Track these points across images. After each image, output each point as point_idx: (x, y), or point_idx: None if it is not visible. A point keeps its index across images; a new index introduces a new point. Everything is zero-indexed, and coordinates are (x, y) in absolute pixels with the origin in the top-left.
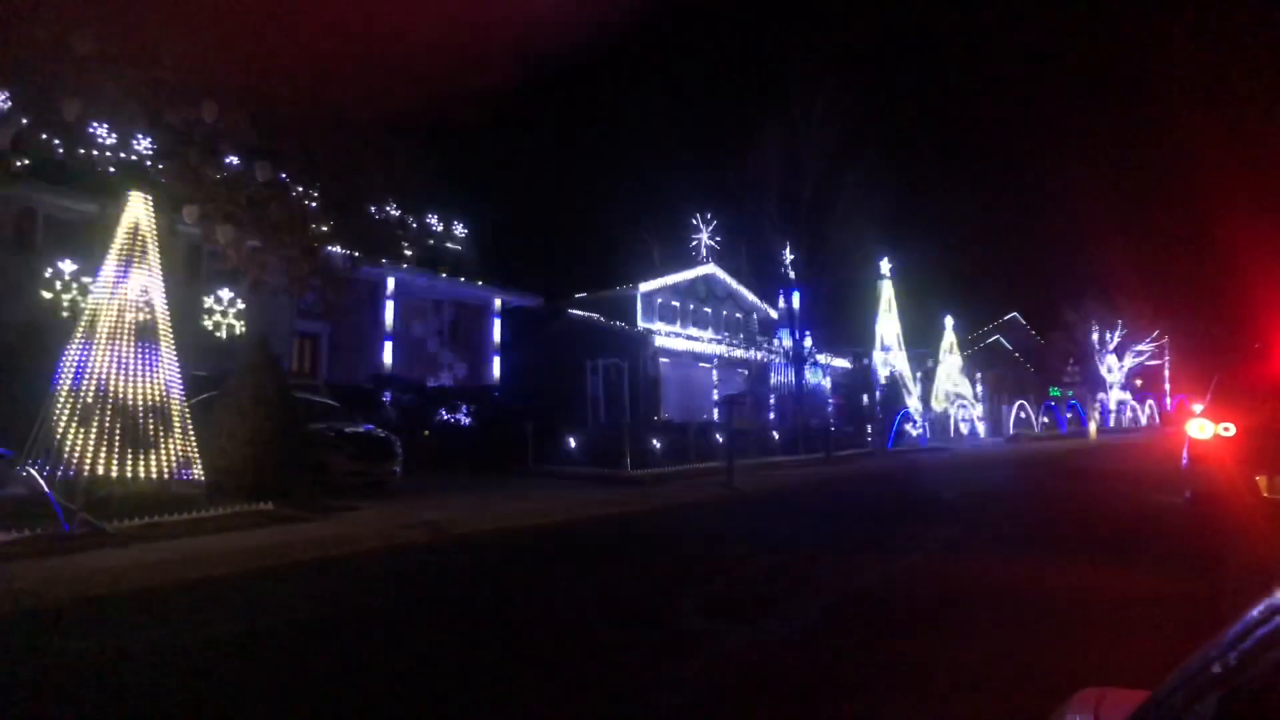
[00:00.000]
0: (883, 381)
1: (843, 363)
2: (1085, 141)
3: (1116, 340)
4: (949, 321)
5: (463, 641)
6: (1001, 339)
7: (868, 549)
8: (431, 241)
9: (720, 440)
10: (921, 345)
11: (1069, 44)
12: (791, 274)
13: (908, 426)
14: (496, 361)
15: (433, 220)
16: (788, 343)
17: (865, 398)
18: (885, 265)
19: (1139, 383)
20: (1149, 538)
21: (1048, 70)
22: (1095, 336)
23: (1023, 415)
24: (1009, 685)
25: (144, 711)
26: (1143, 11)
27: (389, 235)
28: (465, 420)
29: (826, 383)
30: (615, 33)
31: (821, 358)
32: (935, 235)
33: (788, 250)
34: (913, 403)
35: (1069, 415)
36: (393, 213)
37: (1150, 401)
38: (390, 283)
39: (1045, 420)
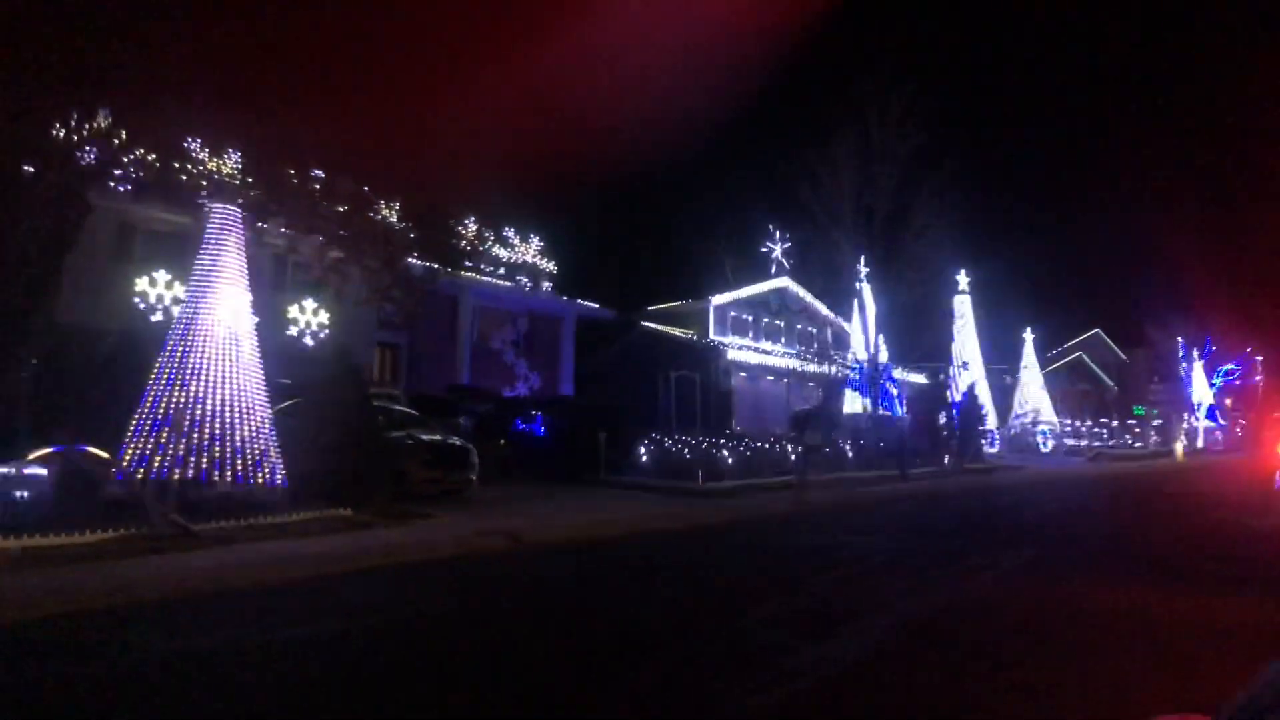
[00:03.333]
0: (959, 398)
1: (918, 378)
2: (1173, 150)
3: (1204, 358)
4: (1028, 337)
5: (535, 649)
6: (1084, 355)
7: (941, 567)
8: (508, 254)
9: (792, 455)
10: (1000, 361)
11: (1156, 49)
12: (866, 287)
13: (985, 444)
14: (570, 372)
15: (510, 233)
16: (862, 357)
17: (941, 414)
18: (963, 279)
19: (1229, 402)
20: (1230, 560)
21: (1134, 75)
22: (1182, 354)
23: (1105, 434)
24: (1083, 712)
25: (227, 709)
26: (1234, 18)
27: (467, 248)
28: (540, 430)
29: (902, 398)
30: (689, 44)
31: (896, 373)
32: (1015, 248)
33: (862, 263)
34: (991, 420)
35: (1154, 435)
36: (471, 226)
37: (1241, 422)
38: (468, 294)
39: (1129, 440)
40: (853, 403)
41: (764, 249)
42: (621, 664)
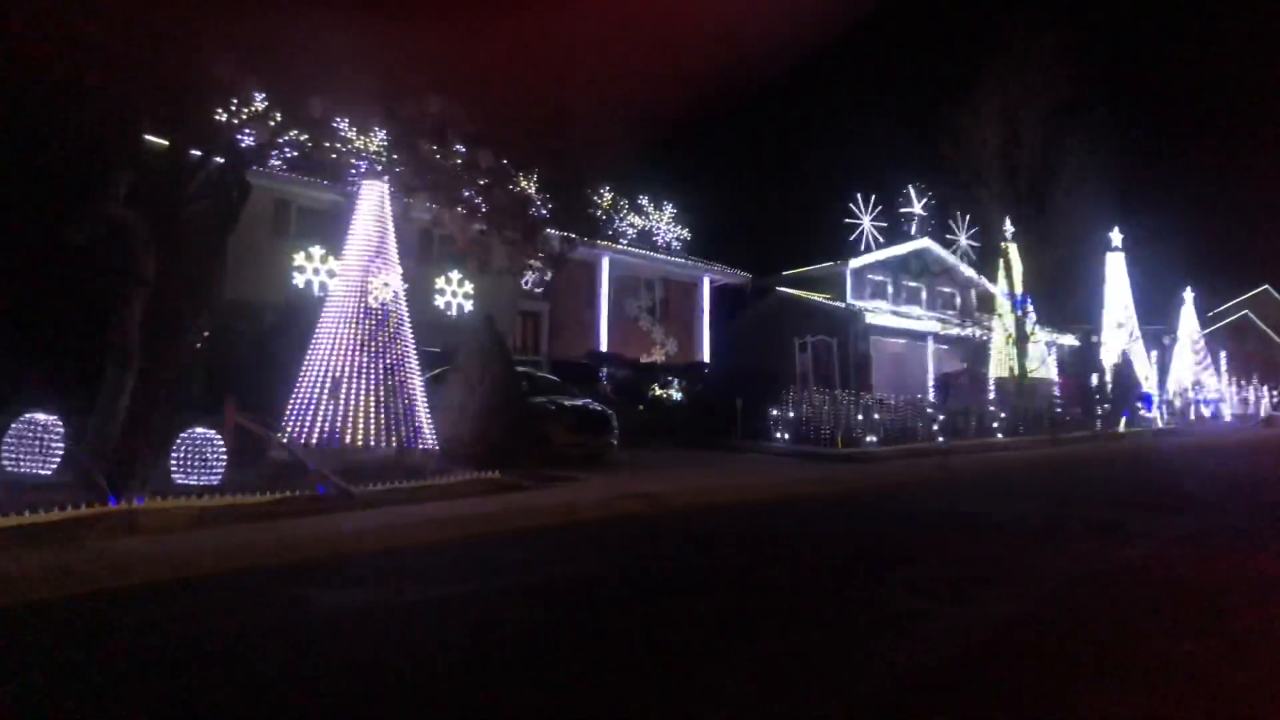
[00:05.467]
0: (1113, 360)
1: (1069, 340)
2: None
3: None
4: (1188, 296)
5: (678, 609)
6: (1250, 314)
7: (1091, 535)
8: (643, 221)
9: (935, 420)
10: (1157, 321)
11: None
12: (1011, 246)
13: (1140, 408)
14: (705, 338)
15: (644, 200)
16: (1008, 319)
17: (1093, 377)
18: (1115, 235)
19: None
20: None
21: None
22: None
23: (1275, 398)
24: (1241, 685)
25: (389, 660)
26: None
27: (603, 217)
28: (676, 395)
29: (1051, 361)
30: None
31: (1044, 334)
32: (1173, 202)
33: (1007, 221)
34: (1147, 383)
35: None
36: (606, 195)
37: None
38: (605, 262)
39: None
40: (998, 366)
41: (902, 209)
42: (763, 627)
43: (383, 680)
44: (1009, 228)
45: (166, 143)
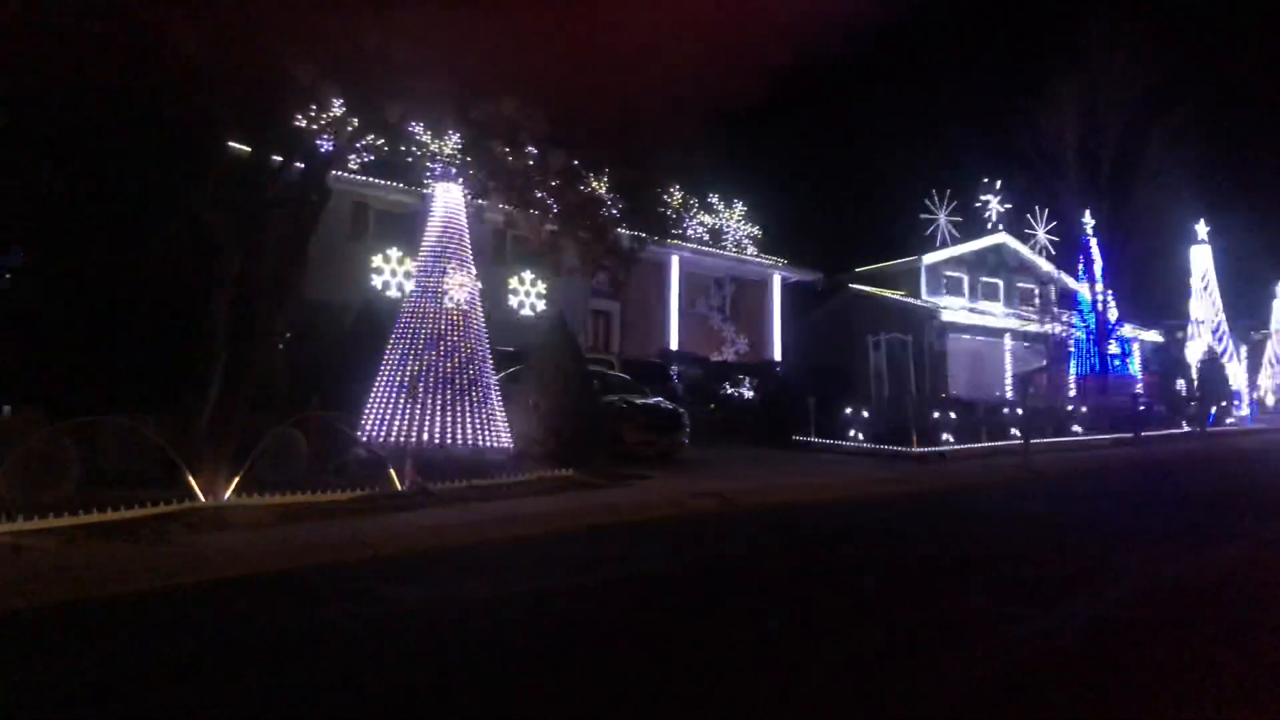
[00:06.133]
0: (1200, 356)
1: (1153, 336)
2: None
3: None
4: None
5: (750, 609)
6: None
7: (1178, 538)
8: (713, 220)
9: (1013, 419)
10: (1246, 316)
11: None
12: (1092, 241)
13: (1228, 406)
14: (777, 336)
15: (714, 199)
16: (1089, 315)
17: (1179, 374)
18: (1201, 228)
19: None
20: None
21: None
22: None
23: None
24: None
25: (467, 655)
26: None
27: (674, 216)
28: (747, 394)
29: (1134, 358)
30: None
31: (1127, 331)
32: (1262, 192)
33: (1087, 215)
34: (1235, 380)
35: None
36: (677, 194)
37: None
38: (675, 261)
39: None
40: (1079, 363)
41: (979, 204)
42: (837, 629)
43: (457, 676)
44: (1089, 221)
45: (249, 148)
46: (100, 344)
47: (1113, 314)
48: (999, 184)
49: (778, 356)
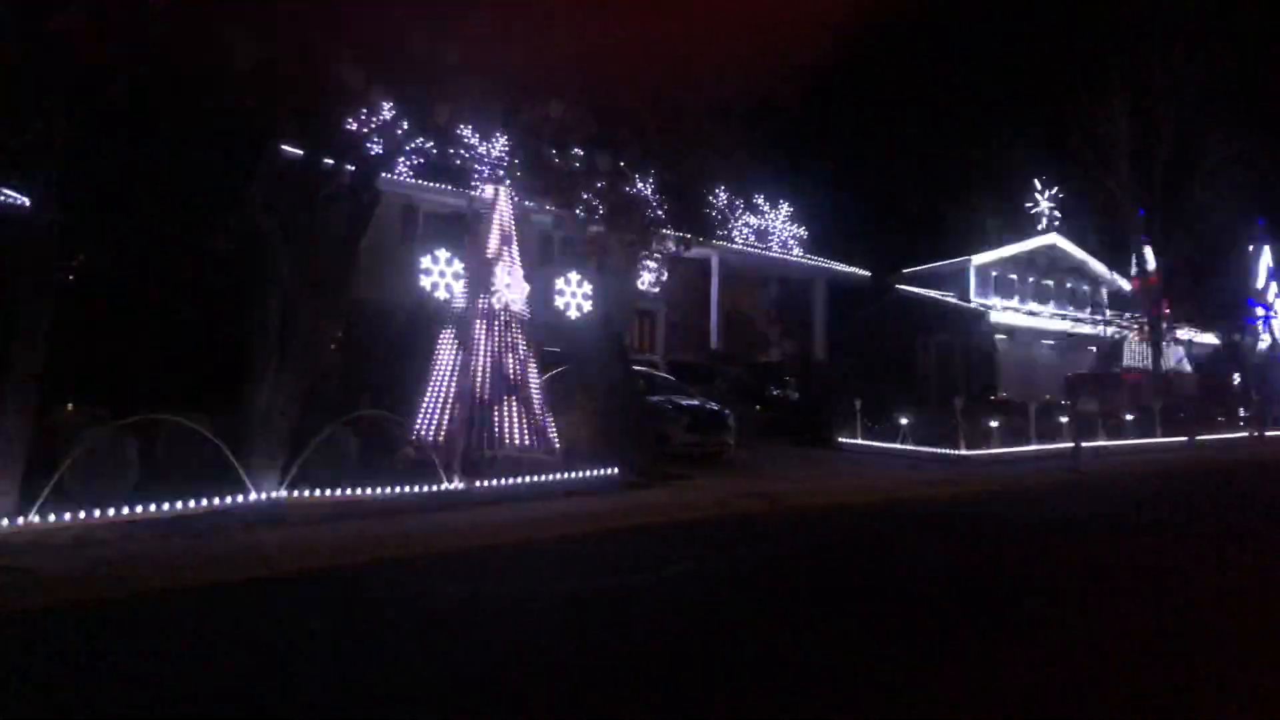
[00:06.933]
0: (1259, 357)
1: (1208, 338)
2: None
3: None
4: None
5: (798, 611)
6: None
7: (1240, 543)
8: (758, 220)
9: (1064, 421)
10: None
11: None
12: (1146, 241)
13: None
14: (823, 337)
15: (760, 199)
16: (1143, 316)
17: (1236, 376)
18: (1262, 226)
19: None
20: None
21: None
22: None
23: None
24: None
25: (508, 651)
26: None
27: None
28: (793, 395)
29: (1189, 359)
30: None
31: (1183, 332)
32: None
33: (1140, 214)
34: None
35: None
36: (722, 195)
37: None
38: (720, 262)
39: None
40: (1133, 365)
41: (1029, 204)
42: (886, 632)
43: (502, 673)
44: (1143, 219)
45: (301, 151)
46: (158, 343)
47: (1167, 314)
48: (1049, 183)
49: (824, 357)
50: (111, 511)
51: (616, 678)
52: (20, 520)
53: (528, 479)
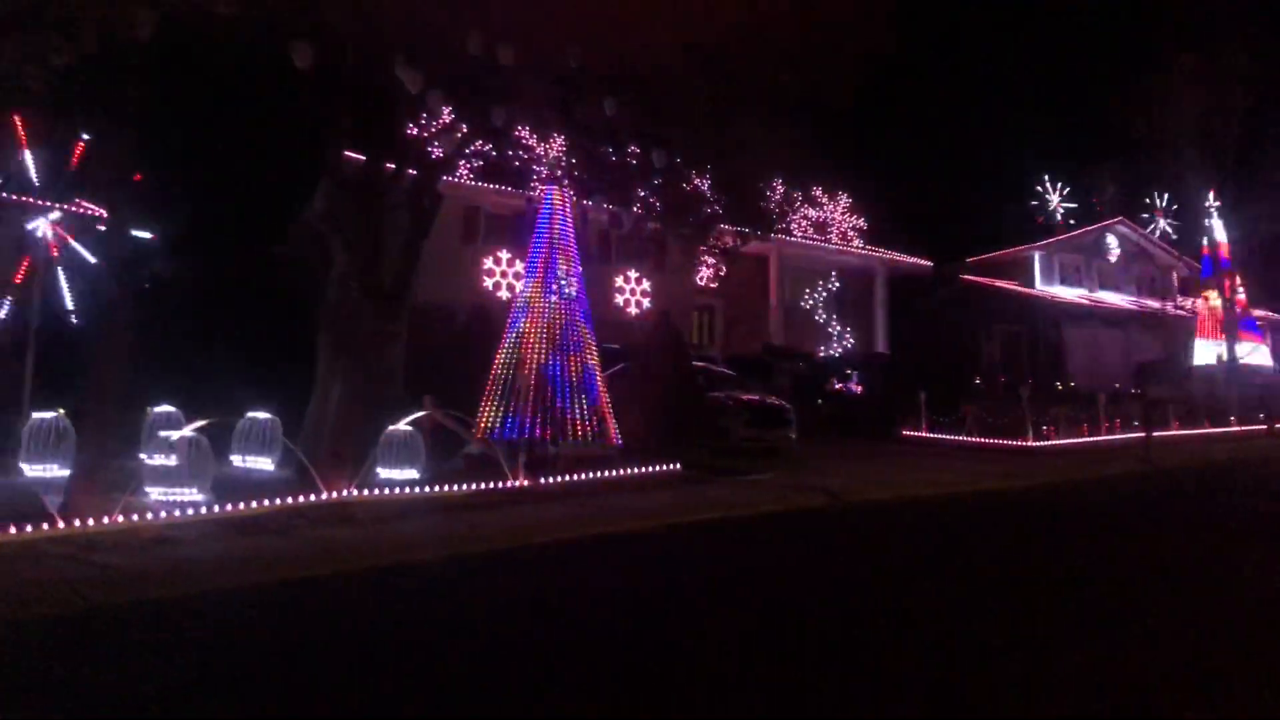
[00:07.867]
0: None
1: None
2: None
3: None
4: None
5: (857, 607)
6: None
7: None
8: (818, 212)
9: (1135, 410)
10: None
11: None
12: (1216, 223)
13: None
14: (884, 329)
15: (819, 191)
16: (1215, 301)
17: None
18: None
19: None
20: None
21: None
22: None
23: None
24: None
25: (580, 649)
26: None
27: (776, 211)
28: (855, 388)
29: (1266, 344)
30: None
31: (1257, 316)
32: None
33: (1211, 197)
34: None
35: None
36: (779, 188)
37: None
38: (779, 255)
39: None
40: (1205, 351)
41: (1094, 190)
42: (944, 630)
43: (570, 666)
44: (1213, 203)
45: (364, 157)
46: (231, 347)
47: (1241, 297)
48: (1116, 168)
49: (885, 349)
50: (190, 511)
51: (713, 667)
52: (105, 520)
53: (590, 475)
